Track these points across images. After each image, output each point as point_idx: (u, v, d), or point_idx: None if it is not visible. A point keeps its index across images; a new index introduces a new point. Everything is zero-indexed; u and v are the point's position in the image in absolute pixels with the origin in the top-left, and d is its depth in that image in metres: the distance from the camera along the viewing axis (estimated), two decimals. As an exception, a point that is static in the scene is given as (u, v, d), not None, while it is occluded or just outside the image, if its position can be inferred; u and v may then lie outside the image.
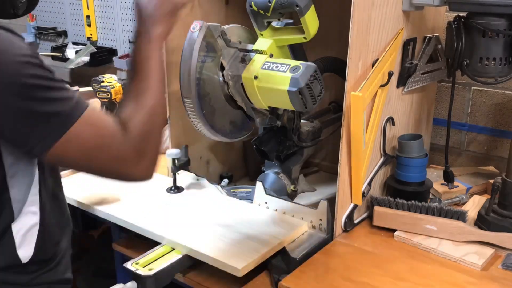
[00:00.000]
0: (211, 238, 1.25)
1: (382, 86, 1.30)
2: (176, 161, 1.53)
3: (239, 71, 1.30)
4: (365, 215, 1.41)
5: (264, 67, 1.24)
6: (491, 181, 1.42)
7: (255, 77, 1.24)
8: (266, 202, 1.42)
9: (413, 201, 1.33)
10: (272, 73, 1.21)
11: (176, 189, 1.55)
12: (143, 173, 0.94)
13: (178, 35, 1.54)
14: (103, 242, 2.16)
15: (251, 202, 1.46)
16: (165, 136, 1.84)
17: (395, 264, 1.21)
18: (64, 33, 2.94)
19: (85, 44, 2.77)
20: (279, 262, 1.22)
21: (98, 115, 0.91)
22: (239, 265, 1.14)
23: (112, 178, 0.95)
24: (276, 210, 1.40)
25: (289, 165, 1.53)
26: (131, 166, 0.92)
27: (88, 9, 2.69)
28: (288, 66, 1.20)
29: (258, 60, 1.26)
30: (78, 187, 1.56)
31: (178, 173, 1.56)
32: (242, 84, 1.30)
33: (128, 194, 1.50)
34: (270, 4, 1.19)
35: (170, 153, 1.52)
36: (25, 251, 0.97)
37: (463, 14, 1.32)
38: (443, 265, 1.20)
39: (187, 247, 1.22)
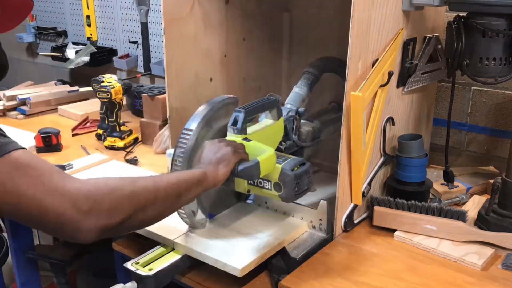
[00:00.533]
0: (211, 238, 1.25)
1: (382, 86, 1.29)
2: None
3: None
4: (365, 215, 1.41)
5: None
6: (491, 181, 1.42)
7: None
8: (266, 202, 1.42)
9: (413, 201, 1.33)
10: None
11: (176, 189, 1.54)
12: (83, 235, 0.85)
13: (178, 36, 1.55)
14: (103, 242, 2.16)
15: (251, 202, 1.46)
16: (165, 136, 1.84)
17: (395, 264, 1.21)
18: (64, 33, 2.94)
19: (85, 44, 2.77)
20: (279, 262, 1.22)
21: (31, 160, 0.83)
22: (239, 265, 1.14)
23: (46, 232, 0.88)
24: (276, 210, 1.40)
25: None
26: (69, 224, 0.84)
27: (88, 9, 2.69)
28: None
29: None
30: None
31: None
32: None
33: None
34: None
35: (170, 153, 1.52)
36: None
37: (463, 14, 1.32)
38: (443, 265, 1.20)
39: (187, 247, 1.22)
